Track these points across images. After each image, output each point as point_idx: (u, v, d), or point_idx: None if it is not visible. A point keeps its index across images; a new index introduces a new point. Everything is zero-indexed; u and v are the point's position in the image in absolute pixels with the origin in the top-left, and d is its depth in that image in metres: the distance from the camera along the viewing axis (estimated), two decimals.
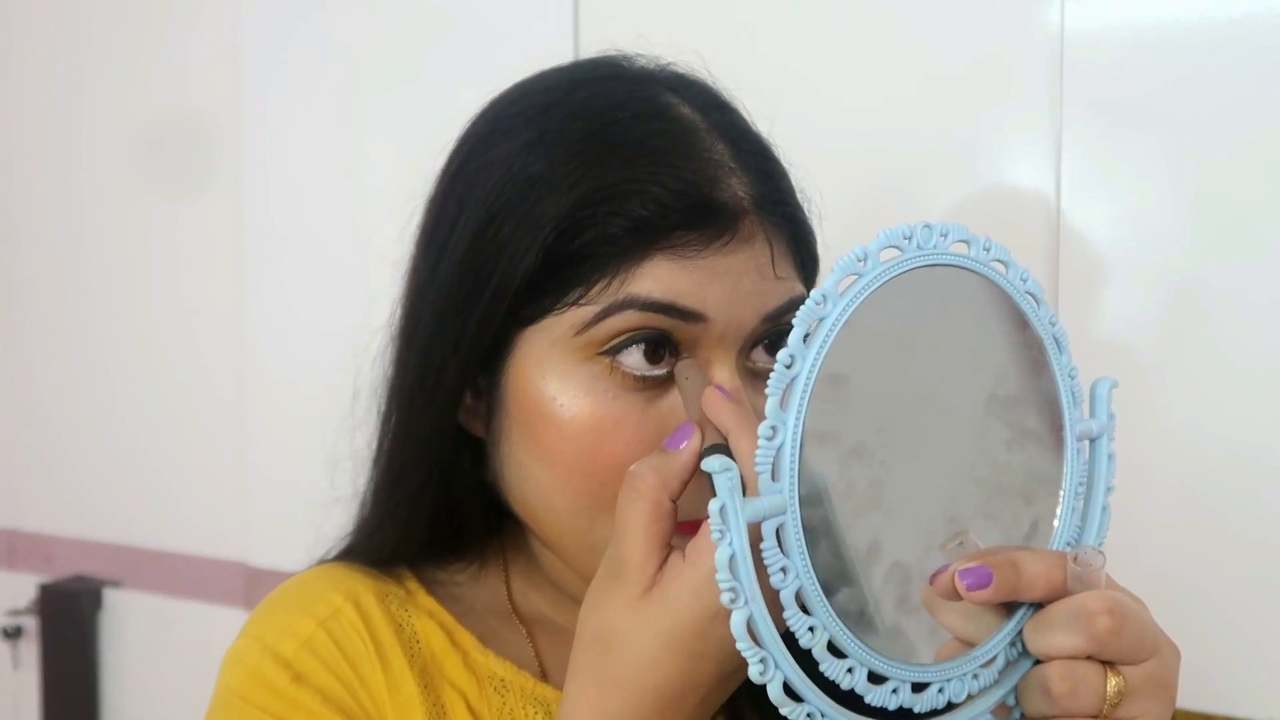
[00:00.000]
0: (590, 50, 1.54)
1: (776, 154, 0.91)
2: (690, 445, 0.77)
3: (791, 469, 0.68)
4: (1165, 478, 1.37)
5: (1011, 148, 1.45)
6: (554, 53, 1.66)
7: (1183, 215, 1.36)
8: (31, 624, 2.37)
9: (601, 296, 0.83)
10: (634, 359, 0.83)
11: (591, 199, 0.83)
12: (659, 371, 0.84)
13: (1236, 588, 1.35)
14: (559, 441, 0.85)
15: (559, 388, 0.85)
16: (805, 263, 0.90)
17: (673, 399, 0.84)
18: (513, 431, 0.88)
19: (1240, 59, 1.32)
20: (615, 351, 0.83)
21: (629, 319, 0.83)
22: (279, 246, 2.04)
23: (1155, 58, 1.36)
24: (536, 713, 0.94)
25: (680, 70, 0.94)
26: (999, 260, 0.74)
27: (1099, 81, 1.38)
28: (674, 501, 0.76)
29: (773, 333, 0.86)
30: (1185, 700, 1.35)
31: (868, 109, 1.52)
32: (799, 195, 0.92)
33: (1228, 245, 1.34)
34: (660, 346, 0.84)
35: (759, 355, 0.86)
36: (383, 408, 0.99)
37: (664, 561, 0.75)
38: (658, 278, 0.82)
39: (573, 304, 0.84)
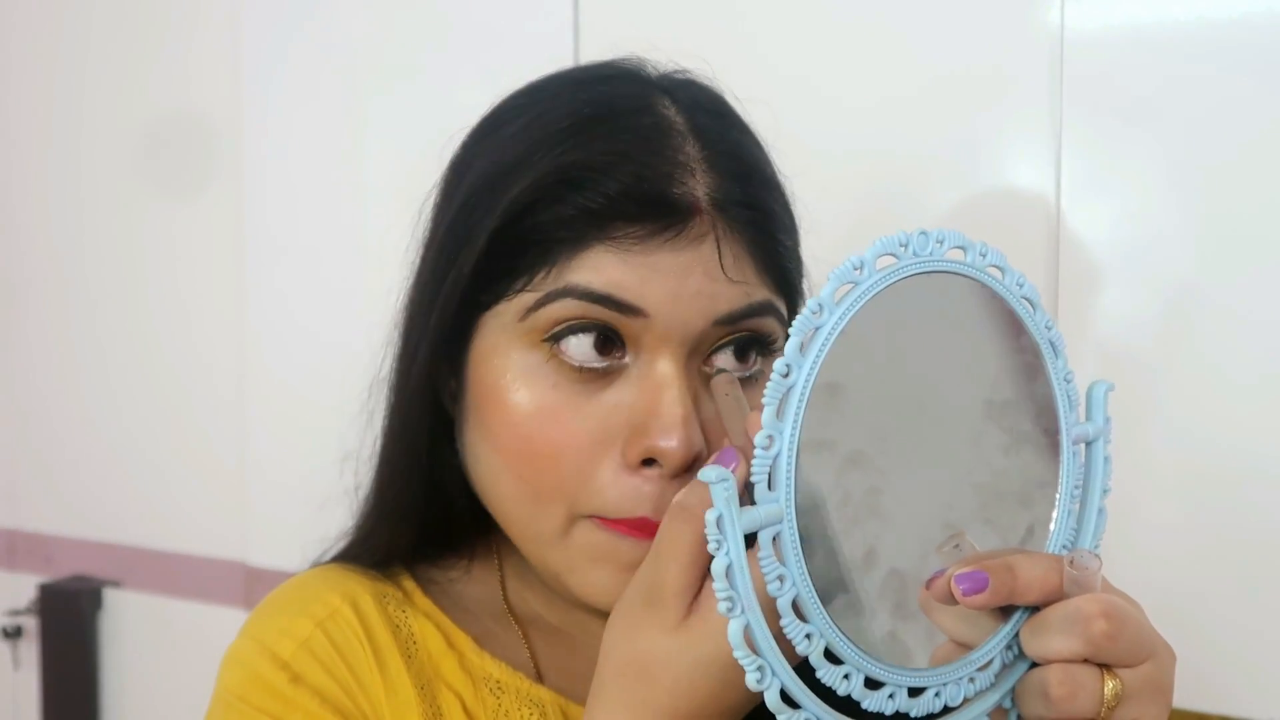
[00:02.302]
0: (589, 51, 1.54)
1: (767, 165, 0.91)
2: (739, 471, 0.75)
3: (788, 478, 0.68)
4: (1165, 478, 1.37)
5: (1011, 148, 1.45)
6: (554, 53, 1.67)
7: (1182, 216, 1.36)
8: (31, 624, 2.37)
9: (543, 284, 0.84)
10: (577, 349, 0.84)
11: (543, 182, 0.84)
12: (600, 364, 0.84)
13: (1236, 588, 1.35)
14: (503, 427, 0.86)
15: (504, 373, 0.86)
16: (773, 269, 0.88)
17: (615, 393, 0.85)
18: (471, 415, 0.90)
19: (1240, 59, 1.32)
20: (556, 339, 0.84)
21: (568, 307, 0.83)
22: (279, 246, 2.04)
23: (1155, 58, 1.36)
24: (531, 714, 0.95)
25: (687, 76, 0.94)
26: (995, 266, 0.74)
27: (1099, 82, 1.38)
28: None
29: (740, 339, 0.86)
30: (1185, 700, 1.36)
31: (867, 110, 1.52)
32: (789, 205, 0.92)
33: (1228, 246, 1.34)
34: (609, 340, 0.84)
35: (725, 360, 0.86)
36: (379, 403, 1.00)
37: (701, 588, 0.75)
38: (597, 268, 0.83)
39: (520, 290, 0.85)
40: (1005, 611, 0.74)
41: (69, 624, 2.27)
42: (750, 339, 0.86)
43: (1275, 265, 1.31)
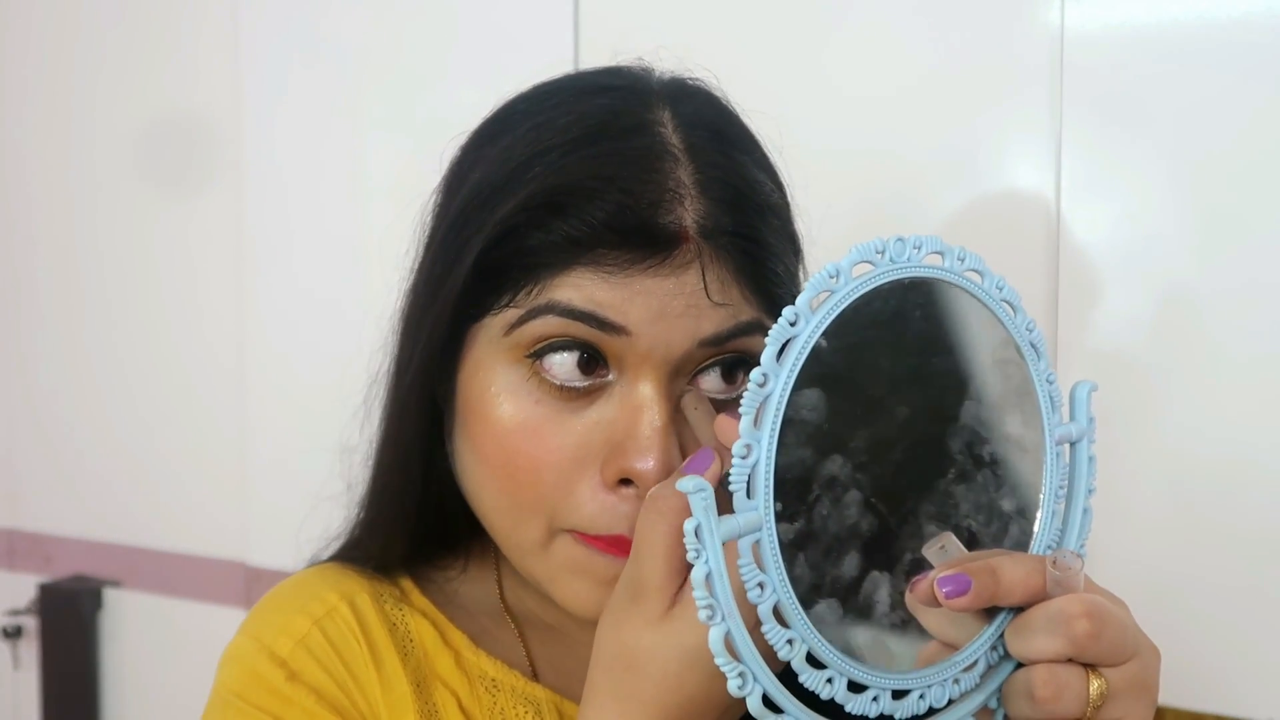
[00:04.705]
0: (589, 51, 1.54)
1: (764, 188, 0.90)
2: (712, 470, 0.77)
3: (766, 486, 0.68)
4: (1165, 477, 1.37)
5: (1011, 148, 1.45)
6: (554, 54, 1.67)
7: (1182, 215, 1.36)
8: (31, 624, 2.37)
9: (526, 300, 0.84)
10: (560, 368, 0.84)
11: (530, 205, 0.84)
12: (581, 383, 0.85)
13: (1235, 588, 1.35)
14: (486, 438, 0.87)
15: (489, 386, 0.87)
16: (763, 292, 0.87)
17: (597, 411, 0.85)
18: (459, 424, 0.90)
19: (1240, 59, 1.32)
20: (539, 356, 0.85)
21: (549, 324, 0.83)
22: (279, 247, 2.04)
23: (1155, 58, 1.36)
24: (527, 712, 0.95)
25: (695, 83, 0.94)
26: (974, 270, 0.74)
27: (1099, 81, 1.38)
28: None
29: (728, 359, 0.86)
30: (1185, 700, 1.36)
31: (868, 109, 1.52)
32: (789, 226, 0.92)
33: (1227, 246, 1.34)
34: (592, 359, 0.84)
35: (711, 381, 0.86)
36: (376, 401, 1.01)
37: (685, 581, 0.75)
38: (579, 286, 0.83)
39: (505, 306, 0.85)
40: (990, 612, 0.74)
41: (69, 624, 2.27)
42: (737, 359, 0.86)
43: (1275, 266, 1.31)
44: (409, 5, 1.89)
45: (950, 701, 0.75)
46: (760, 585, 0.68)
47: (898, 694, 0.73)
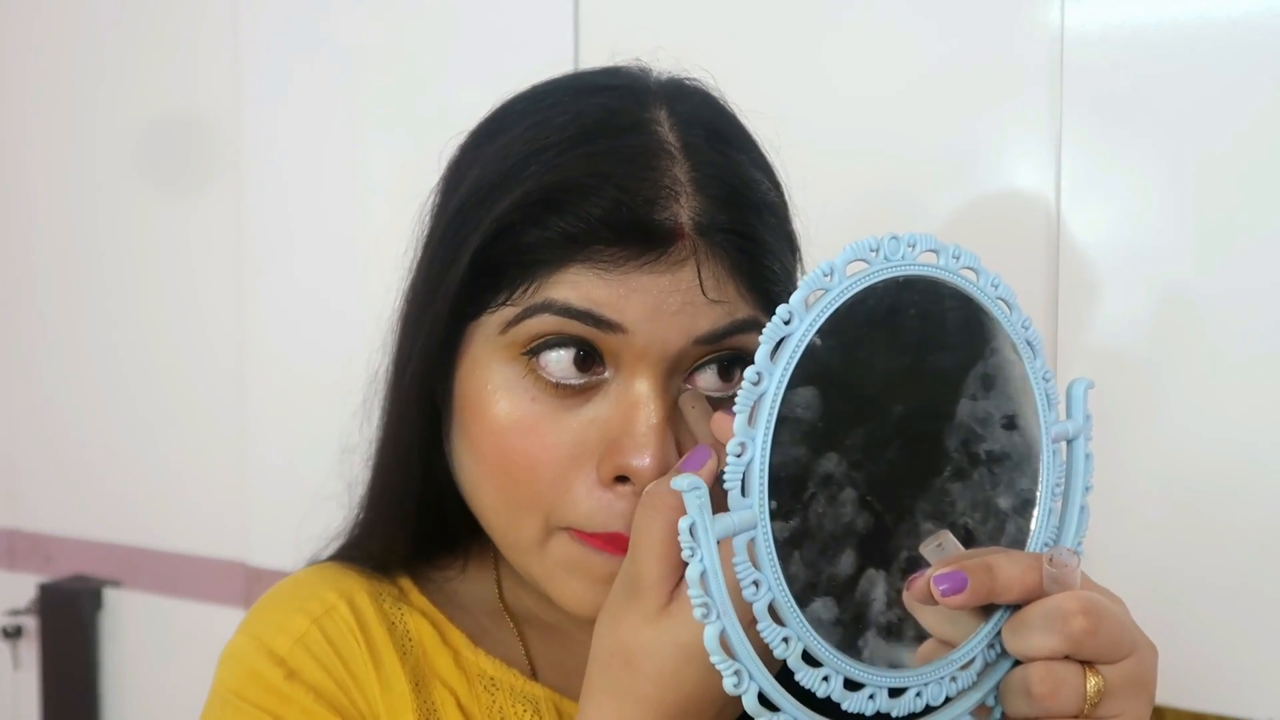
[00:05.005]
0: (589, 51, 1.54)
1: (761, 186, 0.90)
2: (708, 467, 0.77)
3: (761, 484, 0.68)
4: (1165, 477, 1.37)
5: (1011, 148, 1.45)
6: (554, 54, 1.67)
7: (1182, 215, 1.36)
8: (31, 624, 2.37)
9: (523, 299, 0.84)
10: (556, 365, 0.85)
11: (526, 202, 0.84)
12: (577, 381, 0.85)
13: (1234, 588, 1.35)
14: (482, 436, 0.87)
15: (486, 383, 0.87)
16: (759, 289, 0.87)
17: (593, 408, 0.85)
18: (456, 422, 0.91)
19: (1240, 59, 1.32)
20: (534, 353, 0.85)
21: (545, 323, 0.84)
22: (279, 247, 2.04)
23: (1155, 58, 1.36)
24: (525, 710, 0.96)
25: (693, 83, 0.94)
26: (969, 268, 0.74)
27: (1099, 81, 1.38)
28: None
29: (725, 356, 0.86)
30: (1185, 700, 1.36)
31: (867, 109, 1.52)
32: (786, 224, 0.92)
33: (1227, 246, 1.33)
34: (588, 356, 0.84)
35: (708, 379, 0.86)
36: (376, 401, 1.01)
37: (681, 578, 0.75)
38: (575, 284, 0.83)
39: (502, 304, 0.85)
40: (987, 610, 0.74)
41: (69, 624, 2.27)
42: (734, 357, 0.86)
43: (1275, 266, 1.31)
44: (409, 5, 1.89)
45: (947, 699, 0.75)
46: (755, 583, 0.68)
47: (894, 692, 0.73)
